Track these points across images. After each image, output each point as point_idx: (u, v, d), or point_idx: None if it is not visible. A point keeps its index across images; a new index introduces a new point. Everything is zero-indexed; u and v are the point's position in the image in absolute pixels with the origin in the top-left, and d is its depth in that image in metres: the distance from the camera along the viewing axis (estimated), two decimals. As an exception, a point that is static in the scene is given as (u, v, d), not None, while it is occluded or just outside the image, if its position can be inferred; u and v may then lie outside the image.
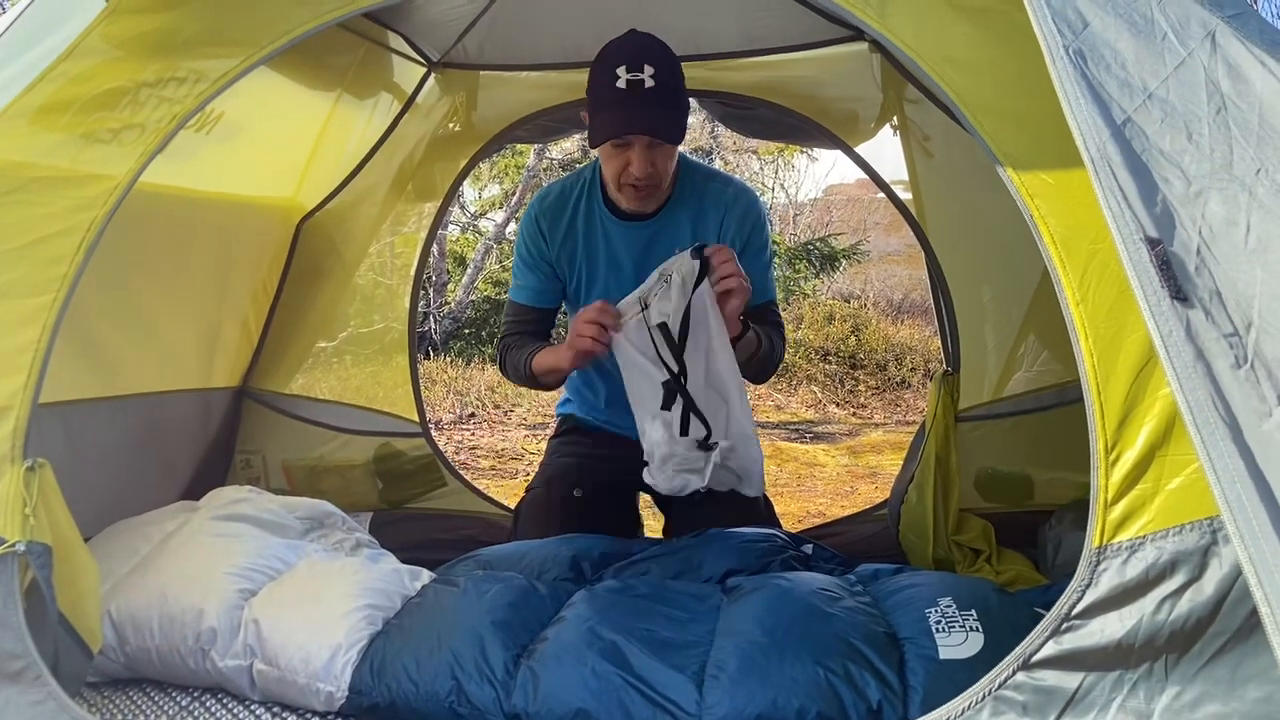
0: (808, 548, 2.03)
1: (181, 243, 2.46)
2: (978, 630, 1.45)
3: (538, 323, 2.31)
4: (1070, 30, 1.13)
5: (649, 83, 1.89)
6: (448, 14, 2.62)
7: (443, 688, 1.48)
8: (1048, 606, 1.55)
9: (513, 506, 2.59)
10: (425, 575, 1.84)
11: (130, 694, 1.65)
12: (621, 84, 1.89)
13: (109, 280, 2.12)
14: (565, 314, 2.40)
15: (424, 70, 2.83)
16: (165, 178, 2.16)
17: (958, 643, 1.44)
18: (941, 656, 1.42)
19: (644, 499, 2.56)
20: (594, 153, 2.15)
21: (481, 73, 2.89)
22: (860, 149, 2.81)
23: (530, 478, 2.59)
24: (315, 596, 1.68)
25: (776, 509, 2.50)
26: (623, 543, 2.05)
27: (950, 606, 1.52)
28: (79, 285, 1.49)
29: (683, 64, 2.69)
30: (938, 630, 1.47)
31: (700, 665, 1.47)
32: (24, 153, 1.51)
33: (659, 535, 2.46)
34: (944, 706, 1.26)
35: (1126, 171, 1.04)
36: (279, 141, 2.72)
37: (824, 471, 5.43)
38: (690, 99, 2.80)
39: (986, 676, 1.23)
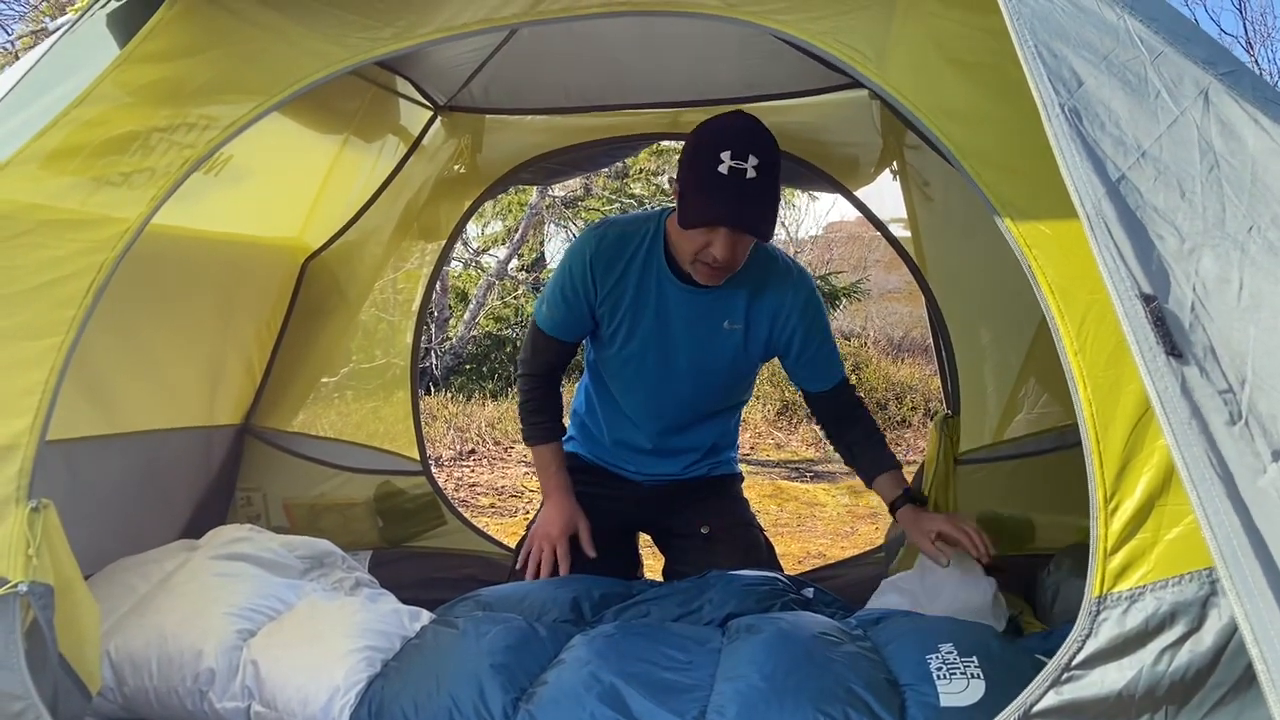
0: (809, 591, 2.02)
1: (187, 282, 2.48)
2: (979, 677, 1.44)
3: (561, 354, 2.29)
4: (1065, 89, 1.15)
5: (751, 173, 1.83)
6: (455, 59, 2.66)
7: None
8: (1048, 653, 1.55)
9: (513, 546, 2.59)
10: (425, 616, 1.83)
11: (126, 735, 1.64)
12: (724, 169, 1.83)
13: (115, 319, 2.12)
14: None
15: (430, 113, 2.87)
16: (173, 219, 2.18)
17: (959, 689, 1.42)
18: (942, 704, 1.41)
19: (644, 538, 2.56)
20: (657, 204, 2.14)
21: (487, 116, 2.93)
22: (860, 191, 2.85)
23: (530, 516, 2.59)
24: (314, 637, 1.68)
25: (777, 549, 2.50)
26: (623, 584, 2.05)
27: (951, 652, 1.51)
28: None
29: (686, 109, 2.76)
30: (939, 677, 1.46)
31: (700, 710, 1.46)
32: (36, 195, 1.53)
33: (658, 575, 2.46)
34: (945, 756, 1.26)
35: (1121, 228, 1.06)
36: (286, 183, 2.76)
37: (824, 511, 5.41)
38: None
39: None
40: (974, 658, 1.49)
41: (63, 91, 1.57)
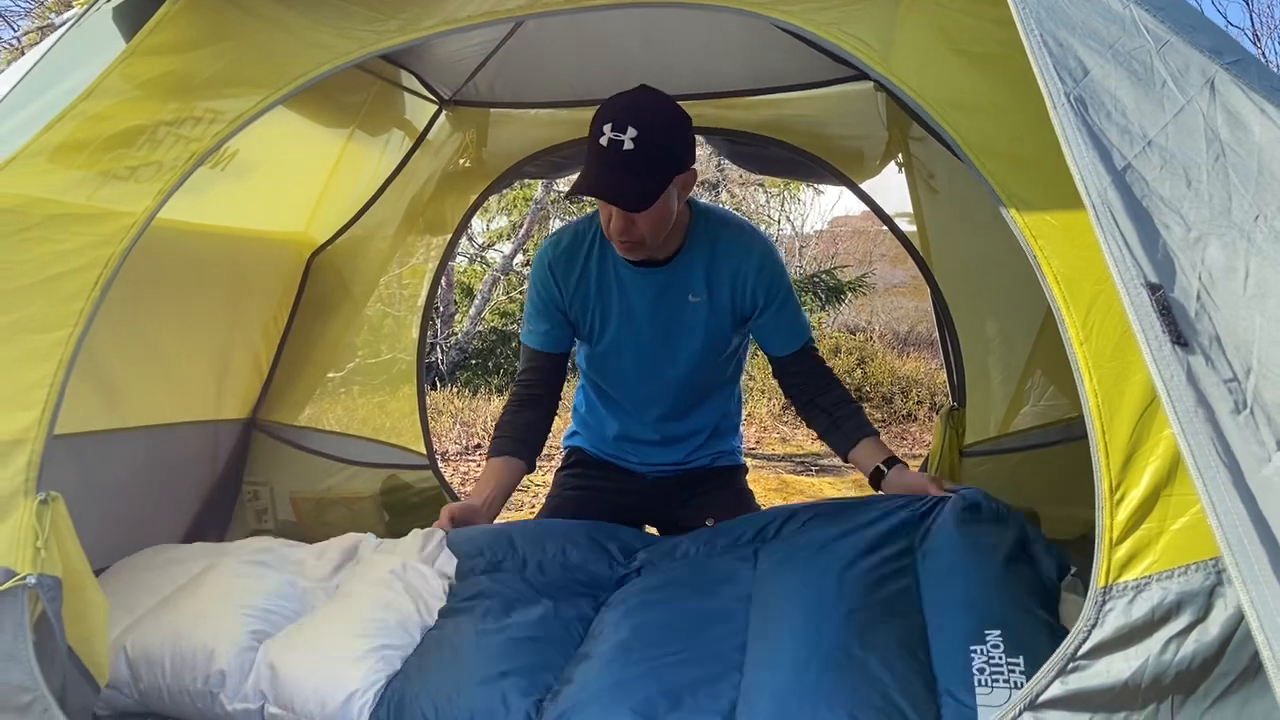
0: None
1: (194, 277, 2.49)
2: (1021, 688, 1.31)
3: (549, 370, 2.27)
4: (1071, 77, 1.15)
5: (628, 145, 1.84)
6: (460, 53, 2.66)
7: None
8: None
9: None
10: (448, 574, 1.83)
11: (137, 728, 1.65)
12: (604, 140, 1.86)
13: (122, 313, 2.14)
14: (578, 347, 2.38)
15: (435, 108, 2.88)
16: (179, 213, 2.19)
17: (998, 703, 1.32)
18: (980, 718, 1.31)
19: (650, 531, 2.56)
20: None
21: (492, 110, 2.94)
22: (865, 184, 2.84)
23: (535, 510, 2.59)
24: (331, 637, 1.66)
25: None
26: (643, 537, 2.04)
27: (998, 647, 1.39)
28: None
29: (691, 102, 2.75)
30: (979, 683, 1.35)
31: (730, 704, 1.42)
32: (43, 189, 1.53)
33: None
34: (951, 749, 1.25)
35: (1127, 217, 1.06)
36: (292, 178, 2.76)
37: (830, 505, 5.40)
38: (698, 136, 2.84)
39: (992, 718, 1.22)
40: (1021, 660, 1.36)
41: (69, 86, 1.58)
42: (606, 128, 1.87)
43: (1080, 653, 1.17)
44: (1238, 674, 1.10)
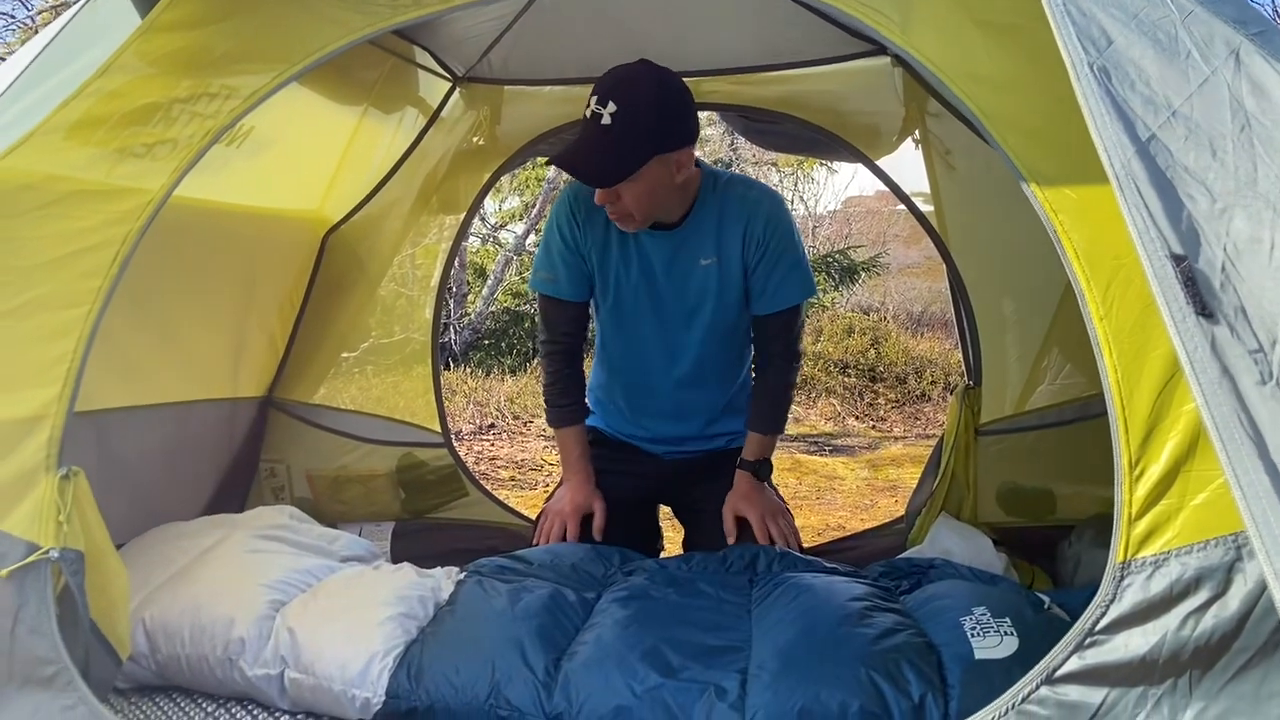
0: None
1: (210, 255, 2.49)
2: (1012, 634, 1.46)
3: (573, 319, 2.26)
4: (1094, 47, 1.13)
5: (606, 119, 1.85)
6: (473, 29, 2.65)
7: (483, 690, 1.50)
8: (1061, 606, 1.57)
9: (533, 517, 2.61)
10: (451, 577, 1.86)
11: (157, 700, 1.67)
12: (588, 113, 1.88)
13: (139, 291, 2.14)
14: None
15: (449, 85, 2.86)
16: (195, 191, 2.18)
17: (993, 645, 1.45)
18: (977, 657, 1.43)
19: (664, 510, 2.57)
20: None
21: (506, 87, 2.92)
22: (881, 162, 2.82)
23: (550, 489, 2.60)
24: (349, 606, 1.70)
25: (796, 521, 2.50)
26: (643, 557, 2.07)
27: (985, 615, 1.53)
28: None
29: (705, 78, 2.74)
30: (973, 634, 1.48)
31: (742, 667, 1.49)
32: (60, 167, 1.54)
33: (678, 546, 2.47)
34: (967, 720, 1.26)
35: (1151, 188, 1.05)
36: (306, 155, 2.76)
37: (843, 484, 5.41)
38: (710, 112, 2.81)
39: (1010, 690, 1.23)
40: (1006, 619, 1.50)
41: (84, 63, 1.58)
42: (593, 100, 1.89)
43: (1098, 628, 1.17)
44: (1257, 649, 1.10)
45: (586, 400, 2.42)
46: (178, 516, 2.12)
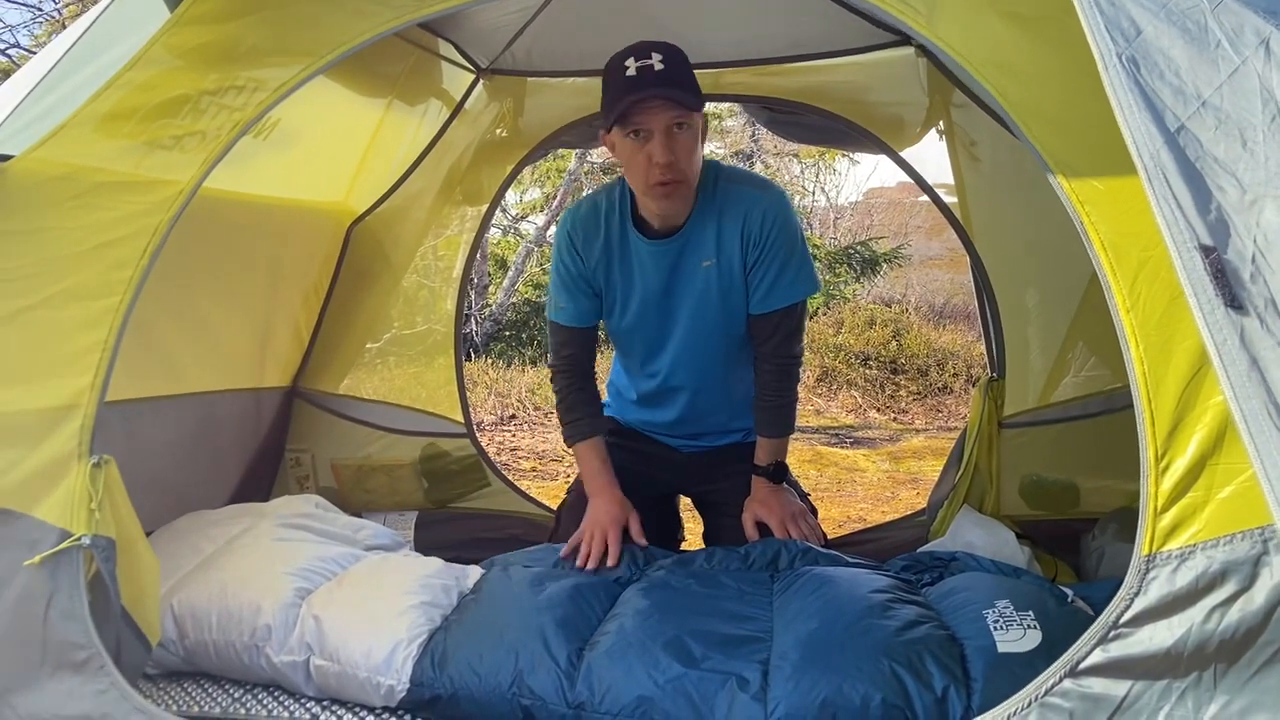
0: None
1: (237, 246, 2.52)
2: (1035, 628, 1.46)
3: (581, 345, 2.26)
4: (1123, 37, 1.12)
5: (659, 66, 1.89)
6: (497, 21, 2.65)
7: (506, 679, 1.52)
8: (1085, 599, 1.56)
9: (555, 508, 2.62)
10: (476, 572, 1.88)
11: (185, 685, 1.70)
12: (631, 72, 1.89)
13: (168, 282, 2.17)
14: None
15: (473, 77, 2.87)
16: (222, 183, 2.21)
17: (1015, 638, 1.45)
18: (1000, 650, 1.42)
19: (684, 501, 2.57)
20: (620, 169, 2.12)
21: (529, 79, 2.93)
22: (904, 153, 2.81)
23: (571, 480, 2.60)
24: (374, 594, 1.72)
25: (818, 513, 2.49)
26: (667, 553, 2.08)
27: (1008, 608, 1.53)
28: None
29: (728, 70, 2.73)
30: (996, 628, 1.48)
31: (764, 658, 1.50)
32: (91, 158, 1.56)
33: (699, 538, 2.48)
34: (990, 712, 1.26)
35: (1180, 179, 1.04)
36: (332, 147, 2.78)
37: (865, 477, 5.40)
38: (735, 103, 2.80)
39: (1033, 683, 1.23)
40: (1030, 612, 1.50)
41: (115, 55, 1.60)
42: (629, 62, 1.90)
43: (1123, 621, 1.17)
44: (1283, 642, 1.09)
45: (605, 395, 2.42)
46: (204, 505, 2.14)
